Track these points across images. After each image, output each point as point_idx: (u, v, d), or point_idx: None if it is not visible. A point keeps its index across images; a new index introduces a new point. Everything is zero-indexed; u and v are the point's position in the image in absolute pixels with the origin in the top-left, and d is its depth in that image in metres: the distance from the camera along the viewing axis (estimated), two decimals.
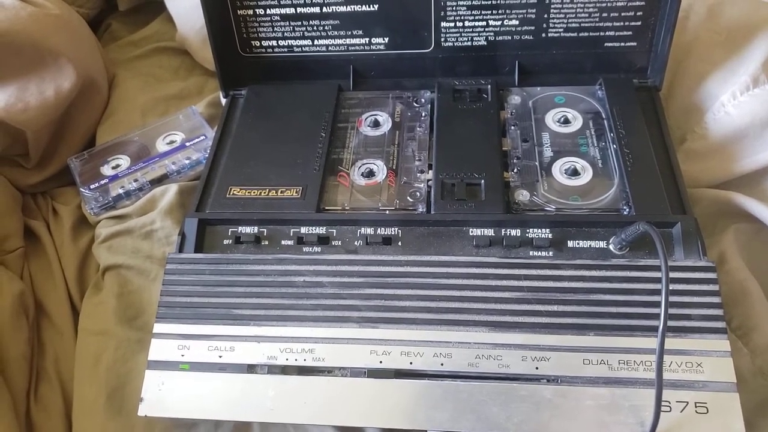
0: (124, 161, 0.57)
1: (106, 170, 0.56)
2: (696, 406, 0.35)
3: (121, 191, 0.54)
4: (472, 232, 0.43)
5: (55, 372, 0.48)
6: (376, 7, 0.52)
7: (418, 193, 0.46)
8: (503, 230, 0.42)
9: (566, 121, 0.49)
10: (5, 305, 0.47)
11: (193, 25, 0.65)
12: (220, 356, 0.40)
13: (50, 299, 0.51)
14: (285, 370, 0.39)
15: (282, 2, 0.52)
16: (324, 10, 0.52)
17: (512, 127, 0.50)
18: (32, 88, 0.55)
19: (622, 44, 0.51)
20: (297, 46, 0.54)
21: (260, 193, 0.46)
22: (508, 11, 0.51)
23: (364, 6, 0.52)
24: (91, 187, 0.55)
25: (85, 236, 0.55)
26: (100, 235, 0.52)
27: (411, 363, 0.38)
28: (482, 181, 0.45)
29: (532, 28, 0.51)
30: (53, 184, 0.60)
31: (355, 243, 0.43)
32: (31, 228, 0.56)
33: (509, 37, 0.52)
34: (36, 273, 0.53)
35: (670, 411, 0.36)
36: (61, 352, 0.49)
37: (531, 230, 0.42)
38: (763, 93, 0.48)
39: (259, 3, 0.52)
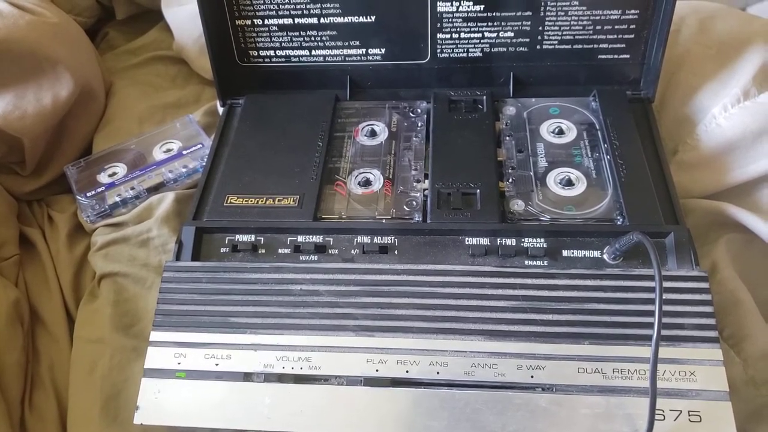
0: (120, 169, 0.57)
1: (103, 178, 0.56)
2: (689, 415, 0.36)
3: (117, 199, 0.54)
4: (467, 241, 0.43)
5: (50, 380, 0.48)
6: (373, 18, 0.52)
7: (414, 203, 0.46)
8: (499, 239, 0.43)
9: (561, 132, 0.50)
10: (0, 313, 0.47)
11: (191, 34, 0.65)
12: (217, 364, 0.40)
13: (45, 307, 0.51)
14: (281, 378, 0.39)
15: (280, 13, 0.53)
16: (321, 21, 0.53)
17: (507, 138, 0.50)
18: (30, 95, 0.55)
19: (616, 56, 0.52)
20: (294, 56, 0.55)
21: (257, 201, 0.46)
22: (503, 23, 0.52)
23: (361, 17, 0.52)
24: (88, 194, 0.55)
25: (81, 244, 0.55)
26: (96, 243, 0.52)
27: (407, 371, 0.38)
28: (478, 190, 0.45)
29: (527, 40, 0.52)
30: (49, 191, 0.60)
31: (352, 251, 0.44)
32: (27, 235, 0.56)
33: (504, 49, 0.53)
34: (31, 280, 0.53)
35: (663, 419, 0.36)
36: (57, 359, 0.49)
37: (526, 239, 0.43)
38: (753, 105, 0.49)
39: (257, 13, 0.53)
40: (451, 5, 0.51)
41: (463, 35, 0.53)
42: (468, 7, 0.51)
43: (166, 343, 0.41)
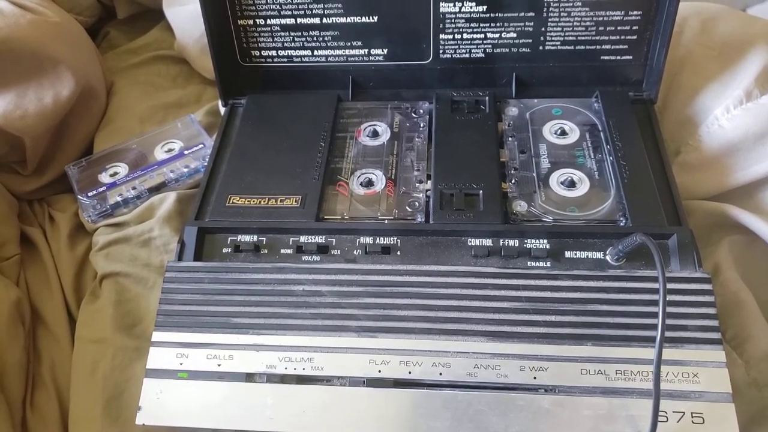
0: (122, 169, 0.57)
1: (104, 178, 0.56)
2: (692, 417, 0.36)
3: (119, 199, 0.54)
4: (470, 242, 0.43)
5: (52, 380, 0.48)
6: (375, 18, 0.52)
7: (416, 203, 0.46)
8: (501, 240, 0.43)
9: (563, 133, 0.50)
10: (1, 312, 0.47)
11: (192, 34, 0.65)
12: (219, 365, 0.40)
13: (47, 307, 0.51)
14: (284, 378, 0.39)
15: (282, 13, 0.53)
16: (324, 21, 0.53)
17: (510, 139, 0.50)
18: (31, 95, 0.55)
19: (618, 58, 0.52)
20: (296, 57, 0.55)
21: (259, 201, 0.46)
22: (506, 24, 0.51)
23: (363, 17, 0.52)
24: (89, 194, 0.55)
25: (82, 244, 0.55)
26: (98, 243, 0.52)
27: (410, 372, 0.38)
28: (480, 191, 0.45)
29: (530, 41, 0.52)
30: (50, 191, 0.60)
31: (354, 252, 0.44)
32: (28, 235, 0.56)
33: (507, 50, 0.53)
34: (32, 280, 0.53)
35: (666, 421, 0.36)
36: (58, 359, 0.49)
37: (529, 241, 0.43)
38: (755, 107, 0.49)
39: (260, 13, 0.53)
40: (454, 6, 0.51)
41: (465, 36, 0.52)
42: (470, 7, 0.51)
43: (168, 344, 0.41)
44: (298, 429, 0.38)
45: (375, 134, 0.52)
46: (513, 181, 0.47)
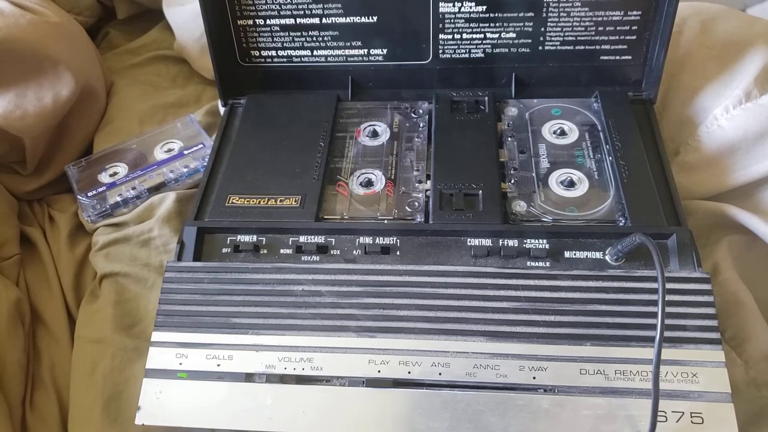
0: (121, 169, 0.57)
1: (104, 178, 0.56)
2: (692, 416, 0.36)
3: (118, 199, 0.54)
4: (470, 242, 0.43)
5: (51, 380, 0.48)
6: (375, 18, 0.52)
7: (416, 203, 0.46)
8: (501, 240, 0.43)
9: (563, 133, 0.50)
10: (1, 312, 0.47)
11: (192, 34, 0.65)
12: (219, 365, 0.40)
13: (46, 307, 0.51)
14: (283, 379, 0.39)
15: (282, 13, 0.53)
16: (323, 21, 0.53)
17: (509, 139, 0.50)
18: (30, 95, 0.55)
19: (618, 58, 0.52)
20: (296, 57, 0.55)
21: (259, 201, 0.46)
22: (505, 24, 0.52)
23: (363, 18, 0.52)
24: (89, 194, 0.55)
25: (82, 244, 0.55)
26: (98, 243, 0.52)
27: (409, 372, 0.38)
28: (480, 191, 0.45)
29: (529, 41, 0.52)
30: (50, 191, 0.60)
31: (354, 252, 0.44)
32: (28, 235, 0.56)
33: (506, 50, 0.53)
34: (32, 280, 0.53)
35: (666, 421, 0.36)
36: (57, 359, 0.49)
37: (528, 241, 0.43)
38: (755, 107, 0.49)
39: (259, 13, 0.53)
40: (453, 6, 0.51)
41: (465, 36, 0.52)
42: (470, 7, 0.51)
43: (168, 344, 0.41)
44: (298, 429, 0.38)
45: (374, 134, 0.52)
46: (512, 181, 0.47)
